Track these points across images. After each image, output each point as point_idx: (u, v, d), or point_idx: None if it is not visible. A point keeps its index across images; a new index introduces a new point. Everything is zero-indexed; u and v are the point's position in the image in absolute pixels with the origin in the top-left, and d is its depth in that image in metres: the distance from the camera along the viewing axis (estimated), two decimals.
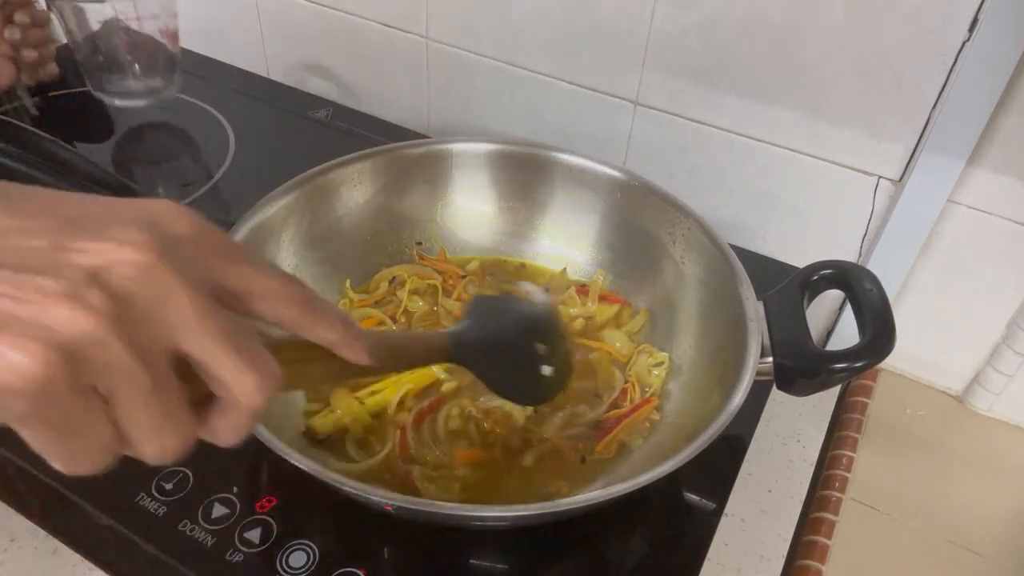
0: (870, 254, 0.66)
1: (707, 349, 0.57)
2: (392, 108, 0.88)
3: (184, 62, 0.86)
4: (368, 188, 0.65)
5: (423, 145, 0.67)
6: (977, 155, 0.58)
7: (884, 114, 0.61)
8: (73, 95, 0.88)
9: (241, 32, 0.94)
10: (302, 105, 0.89)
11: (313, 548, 0.48)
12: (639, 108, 0.72)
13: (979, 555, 0.57)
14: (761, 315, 0.53)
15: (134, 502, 0.49)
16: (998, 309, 0.64)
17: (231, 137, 0.82)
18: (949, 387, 0.70)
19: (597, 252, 0.67)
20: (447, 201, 0.68)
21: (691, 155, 0.72)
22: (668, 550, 0.51)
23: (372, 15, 0.82)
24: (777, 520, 0.55)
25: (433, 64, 0.82)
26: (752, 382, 0.47)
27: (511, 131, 0.81)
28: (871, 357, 0.49)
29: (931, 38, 0.57)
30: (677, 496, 0.54)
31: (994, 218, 0.60)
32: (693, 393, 0.56)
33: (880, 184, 0.64)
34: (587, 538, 0.51)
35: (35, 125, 0.84)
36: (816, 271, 0.55)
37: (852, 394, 0.67)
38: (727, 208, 0.73)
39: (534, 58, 0.75)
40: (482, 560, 0.49)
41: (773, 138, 0.67)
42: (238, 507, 0.49)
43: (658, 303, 0.63)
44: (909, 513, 0.59)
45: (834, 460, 0.61)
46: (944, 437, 0.66)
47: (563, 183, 0.67)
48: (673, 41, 0.67)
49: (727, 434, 0.45)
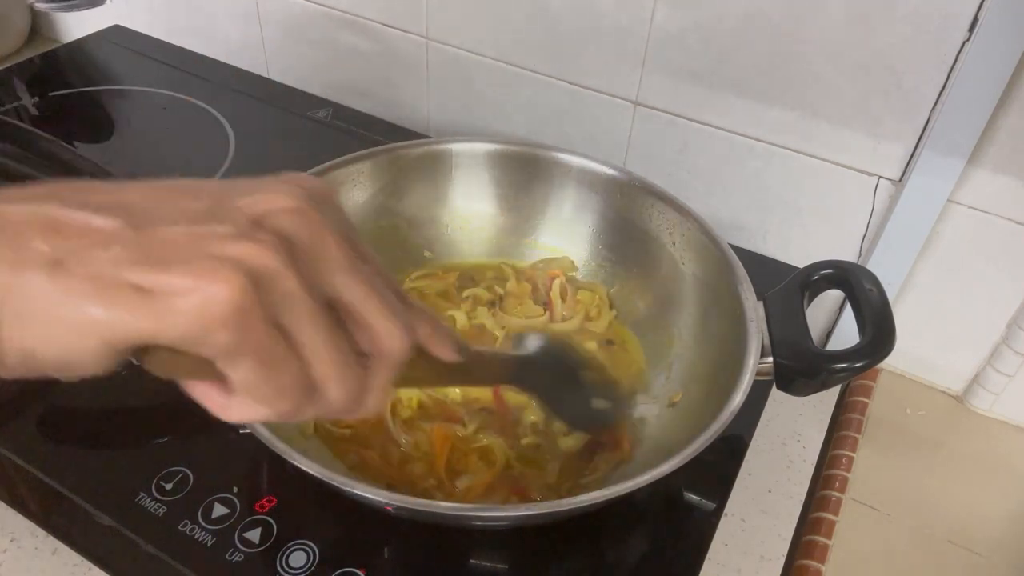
0: (870, 254, 0.66)
1: (707, 349, 0.57)
2: (392, 108, 0.88)
3: (184, 62, 0.86)
4: (368, 188, 0.65)
5: (423, 145, 0.67)
6: (977, 155, 0.58)
7: (884, 114, 0.61)
8: (73, 95, 0.88)
9: (241, 32, 0.94)
10: (302, 105, 0.89)
11: (313, 548, 0.48)
12: (639, 108, 0.72)
13: (979, 555, 0.57)
14: (761, 315, 0.53)
15: (134, 502, 0.49)
16: (998, 309, 0.64)
17: (231, 137, 0.82)
18: (949, 387, 0.70)
19: (597, 252, 0.67)
20: (447, 201, 0.68)
21: (691, 155, 0.72)
22: (668, 550, 0.51)
23: (372, 15, 0.82)
24: (777, 520, 0.55)
25: (433, 64, 0.82)
26: (752, 382, 0.47)
27: (511, 131, 0.81)
28: (871, 357, 0.49)
29: (931, 38, 0.57)
30: (677, 496, 0.54)
31: (994, 218, 0.60)
32: (693, 393, 0.56)
33: (880, 184, 0.64)
34: (587, 538, 0.51)
35: (35, 125, 0.84)
36: (816, 271, 0.55)
37: (852, 394, 0.67)
38: (727, 208, 0.73)
39: (534, 58, 0.75)
40: (482, 560, 0.49)
41: (773, 138, 0.67)
42: (238, 507, 0.49)
43: (658, 303, 0.63)
44: (909, 513, 0.59)
45: (834, 460, 0.61)
46: (944, 437, 0.66)
47: (563, 183, 0.66)
48: (673, 41, 0.67)
49: (727, 434, 0.45)
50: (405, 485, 0.51)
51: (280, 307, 0.25)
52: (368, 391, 0.29)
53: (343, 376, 0.27)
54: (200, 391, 0.27)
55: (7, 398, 0.56)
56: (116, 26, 1.01)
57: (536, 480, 0.52)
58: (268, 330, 0.25)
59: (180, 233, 0.25)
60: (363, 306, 0.28)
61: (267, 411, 0.27)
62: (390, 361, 0.29)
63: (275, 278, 0.25)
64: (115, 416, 0.56)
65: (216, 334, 0.24)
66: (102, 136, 0.85)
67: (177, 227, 0.25)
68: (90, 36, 0.99)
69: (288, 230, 0.26)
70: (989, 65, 0.54)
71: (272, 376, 0.26)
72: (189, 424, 0.54)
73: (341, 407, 0.28)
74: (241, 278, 0.24)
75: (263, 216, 0.26)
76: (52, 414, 0.56)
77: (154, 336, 0.24)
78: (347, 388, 0.28)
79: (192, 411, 0.28)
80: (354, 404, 0.29)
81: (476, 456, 0.53)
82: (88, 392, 0.57)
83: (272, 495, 0.50)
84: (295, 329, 0.26)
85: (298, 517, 0.49)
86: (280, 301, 0.25)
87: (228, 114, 0.86)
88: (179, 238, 0.25)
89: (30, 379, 0.24)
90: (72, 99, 0.87)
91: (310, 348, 0.26)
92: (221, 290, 0.24)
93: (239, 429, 0.52)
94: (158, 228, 0.25)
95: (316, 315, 0.26)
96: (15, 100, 0.86)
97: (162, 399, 0.56)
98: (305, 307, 0.26)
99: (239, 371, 0.25)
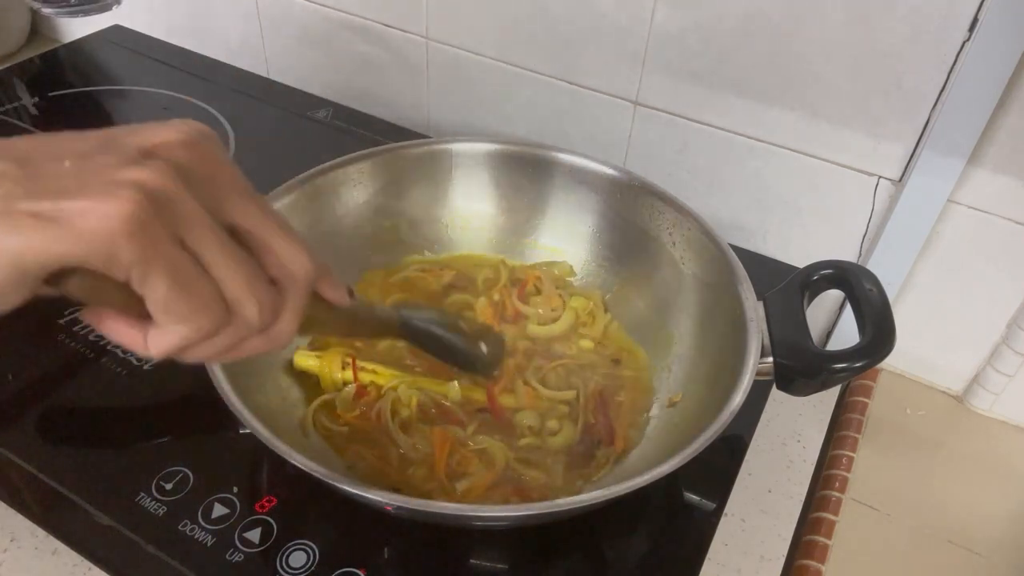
0: (870, 254, 0.66)
1: (707, 349, 0.57)
2: (392, 108, 0.88)
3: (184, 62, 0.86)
4: (368, 188, 0.65)
5: (423, 145, 0.67)
6: (977, 155, 0.58)
7: (884, 114, 0.61)
8: (73, 95, 0.88)
9: (241, 32, 0.94)
10: (302, 105, 0.89)
11: (313, 548, 0.48)
12: (639, 108, 0.72)
13: (979, 555, 0.57)
14: (761, 315, 0.53)
15: (134, 502, 0.49)
16: (998, 309, 0.64)
17: (231, 137, 0.82)
18: (949, 387, 0.70)
19: (596, 252, 0.67)
20: (447, 201, 0.68)
21: (691, 155, 0.72)
22: (668, 550, 0.51)
23: (372, 15, 0.82)
24: (777, 520, 0.55)
25: (433, 64, 0.82)
26: (752, 382, 0.47)
27: (511, 131, 0.81)
28: (871, 357, 0.49)
29: (931, 38, 0.57)
30: (677, 496, 0.54)
31: (994, 218, 0.60)
32: (693, 393, 0.56)
33: (880, 184, 0.64)
34: (587, 538, 0.51)
35: (35, 125, 0.84)
36: (816, 271, 0.55)
37: (852, 394, 0.67)
38: (727, 208, 0.73)
39: (534, 58, 0.75)
40: (482, 560, 0.49)
41: (773, 138, 0.67)
42: (238, 507, 0.49)
43: (658, 303, 0.63)
44: (909, 513, 0.59)
45: (834, 460, 0.61)
46: (944, 437, 0.66)
47: (563, 183, 0.66)
48: (673, 41, 0.67)
49: (727, 434, 0.45)
50: (405, 486, 0.51)
51: (182, 227, 0.26)
52: (283, 313, 0.30)
53: (256, 294, 0.28)
54: (117, 329, 0.28)
55: (7, 398, 0.56)
56: (116, 26, 1.01)
57: (536, 481, 0.52)
58: (173, 246, 0.26)
59: (71, 167, 0.26)
60: (265, 229, 0.29)
61: (186, 330, 0.27)
62: (299, 284, 0.30)
63: (173, 199, 0.26)
64: (115, 416, 0.56)
65: (120, 249, 0.25)
66: None
67: (67, 162, 0.26)
68: (90, 36, 0.99)
69: (181, 159, 0.27)
70: (989, 65, 0.54)
71: (185, 292, 0.26)
72: (189, 424, 0.54)
73: (258, 327, 0.29)
74: (137, 194, 0.25)
75: (154, 149, 0.27)
76: (52, 414, 0.56)
77: (60, 258, 0.24)
78: (261, 307, 0.28)
79: (192, 411, 0.28)
80: (272, 326, 0.29)
81: (476, 458, 0.53)
82: (88, 392, 0.57)
83: (272, 495, 0.50)
84: (201, 249, 0.27)
85: (298, 517, 0.50)
86: (181, 222, 0.26)
87: (228, 114, 0.86)
88: (71, 170, 0.26)
89: None
90: (72, 99, 0.87)
91: (219, 267, 0.27)
92: (118, 206, 0.25)
93: (239, 428, 0.52)
94: (48, 164, 0.26)
95: (220, 236, 0.27)
96: (15, 100, 0.86)
97: (162, 399, 0.56)
98: (207, 227, 0.27)
99: (153, 288, 0.26)
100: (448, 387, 0.56)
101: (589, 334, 0.63)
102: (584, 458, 0.54)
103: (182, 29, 0.99)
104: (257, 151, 0.81)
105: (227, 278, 0.27)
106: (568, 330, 0.63)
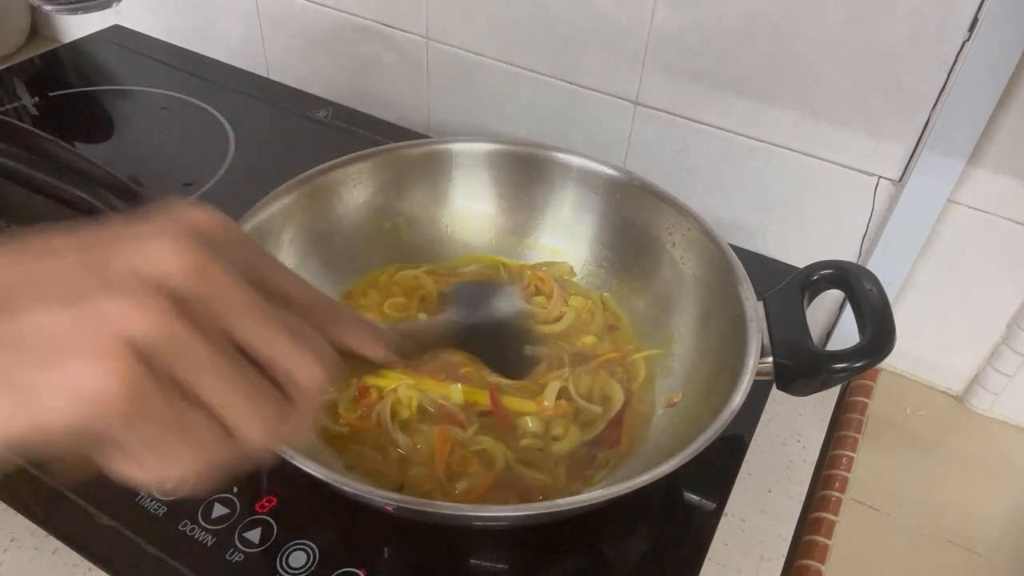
0: (870, 254, 0.66)
1: (707, 349, 0.57)
2: (392, 108, 0.88)
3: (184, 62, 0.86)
4: (368, 188, 0.65)
5: (423, 145, 0.67)
6: (977, 155, 0.58)
7: (884, 114, 0.61)
8: (73, 95, 0.88)
9: (241, 32, 0.94)
10: (302, 105, 0.89)
11: (313, 548, 0.48)
12: (639, 108, 0.72)
13: (979, 555, 0.57)
14: (761, 315, 0.53)
15: (134, 502, 0.49)
16: (998, 309, 0.64)
17: (231, 137, 0.82)
18: (949, 387, 0.70)
19: (596, 252, 0.67)
20: (447, 201, 0.68)
21: (691, 155, 0.72)
22: (668, 550, 0.51)
23: (372, 15, 0.82)
24: (777, 520, 0.55)
25: (433, 64, 0.82)
26: (752, 382, 0.47)
27: (511, 131, 0.81)
28: (871, 357, 0.49)
29: (931, 38, 0.57)
30: (677, 496, 0.54)
31: (994, 218, 0.60)
32: (693, 393, 0.56)
33: (880, 184, 0.64)
34: (587, 538, 0.51)
35: (35, 125, 0.84)
36: (816, 271, 0.55)
37: (852, 394, 0.67)
38: (726, 208, 0.73)
39: (534, 58, 0.75)
40: (482, 560, 0.49)
41: (773, 138, 0.67)
42: (238, 507, 0.49)
43: (658, 303, 0.63)
44: (909, 513, 0.59)
45: (834, 460, 0.61)
46: (944, 437, 0.66)
47: (563, 183, 0.66)
48: (673, 41, 0.67)
49: (727, 434, 0.45)
50: (405, 486, 0.51)
51: (178, 368, 0.24)
52: (291, 422, 0.28)
53: (257, 418, 0.26)
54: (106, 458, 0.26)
55: None
56: (116, 26, 1.01)
57: (536, 481, 0.52)
58: (166, 400, 0.24)
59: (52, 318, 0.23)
60: (271, 349, 0.27)
61: (183, 468, 0.26)
62: (309, 393, 0.28)
63: (164, 339, 0.24)
64: None
65: (107, 420, 0.23)
66: (102, 136, 0.85)
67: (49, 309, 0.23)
68: (90, 36, 0.99)
69: (179, 286, 0.25)
70: (989, 65, 0.54)
71: (181, 438, 0.25)
72: None
73: (263, 445, 0.27)
74: (128, 358, 0.23)
75: (151, 275, 0.24)
76: None
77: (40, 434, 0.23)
78: (264, 428, 0.27)
79: None
80: (277, 438, 0.28)
81: (476, 458, 0.53)
82: None
83: (272, 495, 0.50)
84: (198, 385, 0.25)
85: (298, 517, 0.50)
86: (177, 363, 0.24)
87: (228, 114, 0.86)
88: (51, 321, 0.23)
89: None
90: (72, 99, 0.87)
91: (218, 400, 0.25)
92: (106, 378, 0.23)
93: None
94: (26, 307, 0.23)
95: (219, 367, 0.25)
96: (15, 100, 0.86)
97: None
98: (207, 361, 0.25)
99: (137, 447, 0.24)
100: (450, 389, 0.56)
101: (589, 330, 0.63)
102: (585, 460, 0.54)
103: (182, 29, 0.99)
104: (257, 151, 0.81)
105: (226, 410, 0.26)
106: (570, 329, 0.63)
